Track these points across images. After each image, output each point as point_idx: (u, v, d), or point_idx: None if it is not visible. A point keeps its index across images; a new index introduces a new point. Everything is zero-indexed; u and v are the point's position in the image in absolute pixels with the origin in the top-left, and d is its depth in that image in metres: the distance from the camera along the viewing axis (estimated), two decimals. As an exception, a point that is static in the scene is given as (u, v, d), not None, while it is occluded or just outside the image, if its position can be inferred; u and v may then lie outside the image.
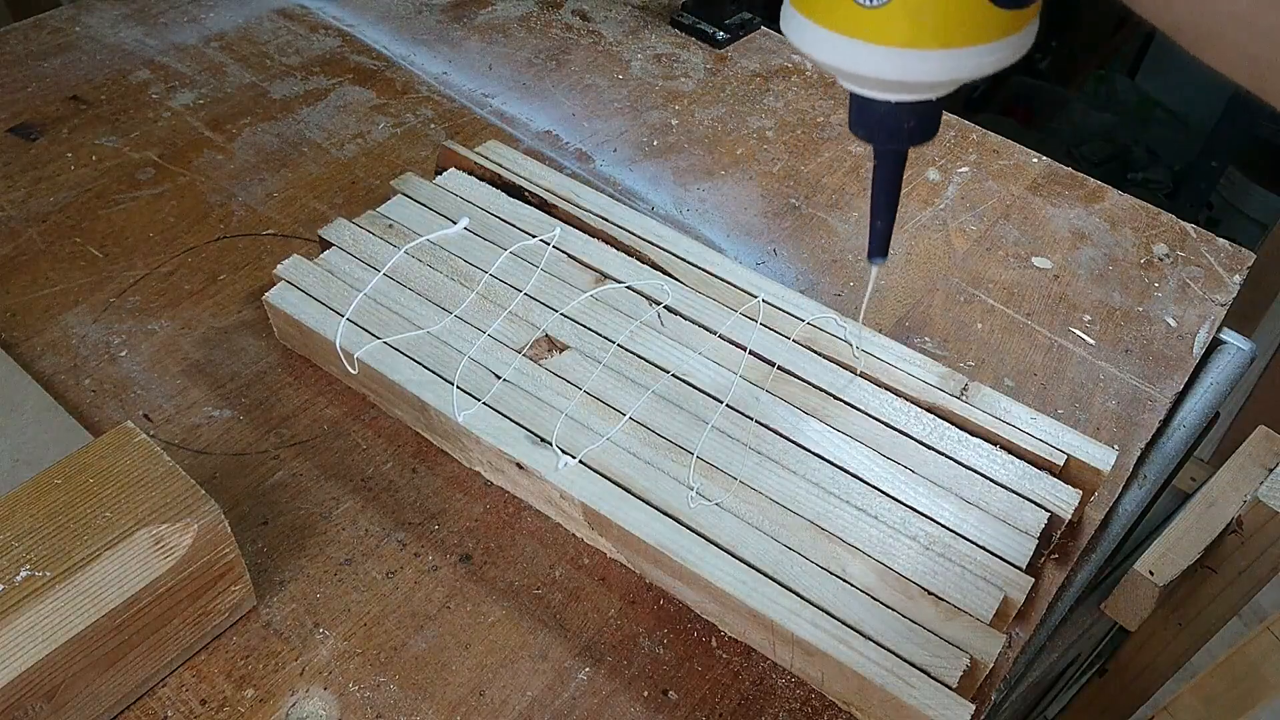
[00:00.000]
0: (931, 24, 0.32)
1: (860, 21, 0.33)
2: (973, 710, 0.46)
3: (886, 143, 0.38)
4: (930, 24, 0.32)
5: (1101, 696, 0.87)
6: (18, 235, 0.69)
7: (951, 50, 0.32)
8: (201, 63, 0.85)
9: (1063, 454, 0.56)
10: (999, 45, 0.33)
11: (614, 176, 0.79)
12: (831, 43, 0.33)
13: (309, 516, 0.55)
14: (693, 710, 0.49)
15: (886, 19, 0.32)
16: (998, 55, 0.33)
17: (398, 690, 0.49)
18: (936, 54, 0.32)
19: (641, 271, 0.64)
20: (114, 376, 0.61)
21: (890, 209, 0.40)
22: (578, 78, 0.88)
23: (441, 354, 0.58)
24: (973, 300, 0.72)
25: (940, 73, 0.33)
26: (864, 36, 0.33)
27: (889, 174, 0.39)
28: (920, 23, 0.32)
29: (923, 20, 0.32)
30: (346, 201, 0.74)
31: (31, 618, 0.42)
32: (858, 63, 0.33)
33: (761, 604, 0.48)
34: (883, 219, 0.40)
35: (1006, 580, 0.50)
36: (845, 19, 0.33)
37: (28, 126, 0.77)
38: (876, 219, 0.40)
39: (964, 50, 0.33)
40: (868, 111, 0.36)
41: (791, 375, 0.59)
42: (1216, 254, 0.77)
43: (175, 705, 0.48)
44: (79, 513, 0.45)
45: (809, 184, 0.80)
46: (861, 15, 0.32)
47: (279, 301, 0.60)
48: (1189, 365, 0.69)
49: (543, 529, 0.56)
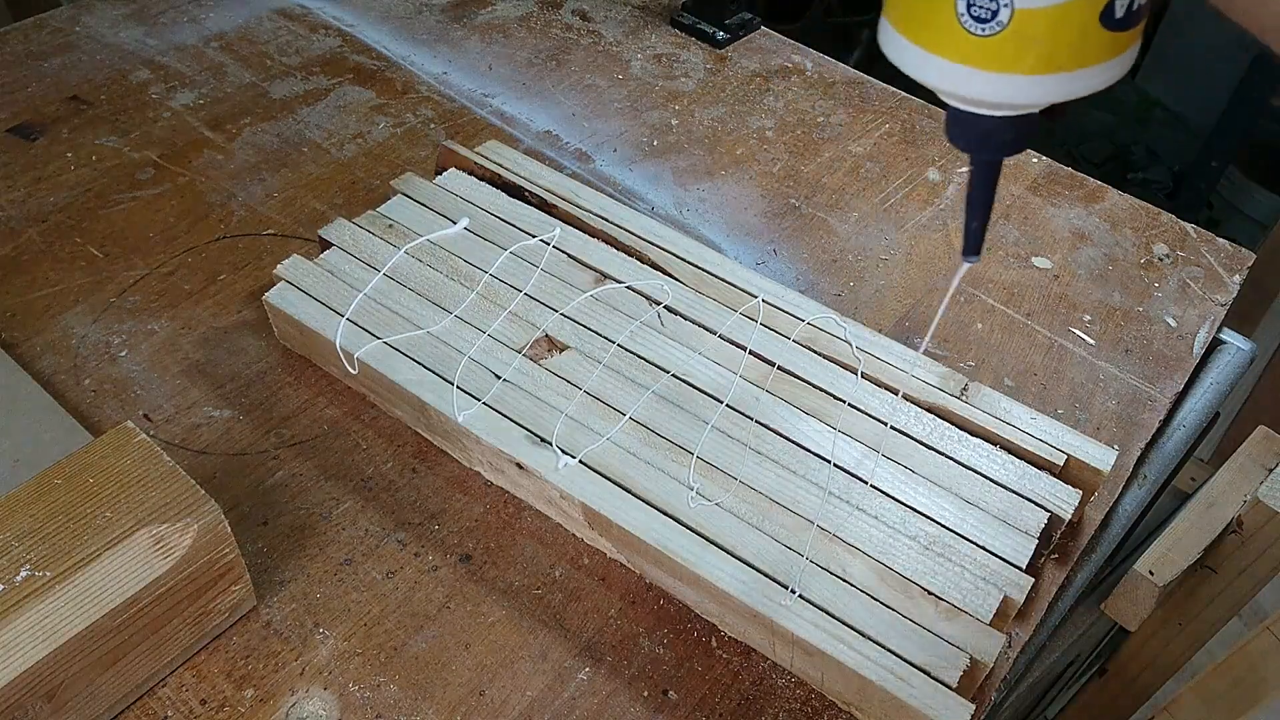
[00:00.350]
0: (1043, 51, 0.32)
1: (971, 48, 0.32)
2: (973, 710, 0.46)
3: (987, 154, 0.38)
4: (1042, 51, 0.32)
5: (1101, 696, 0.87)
6: (18, 235, 0.69)
7: (1062, 74, 0.33)
8: (201, 63, 0.85)
9: (1063, 454, 0.56)
10: (1108, 65, 0.33)
11: (614, 176, 0.79)
12: (939, 67, 0.34)
13: (309, 516, 0.55)
14: (693, 710, 0.49)
15: (998, 47, 0.32)
16: (1107, 74, 0.33)
17: (398, 690, 0.49)
18: (1045, 79, 0.33)
19: (641, 271, 0.64)
20: (114, 376, 0.61)
21: (986, 211, 0.40)
22: (578, 78, 0.88)
23: (441, 354, 0.58)
24: (973, 300, 0.72)
25: (1050, 95, 0.33)
26: (975, 64, 0.33)
27: (986, 180, 0.39)
28: (1032, 50, 0.32)
29: (1035, 48, 0.32)
30: (346, 201, 0.74)
31: (31, 618, 0.42)
32: (968, 87, 0.34)
33: (761, 604, 0.48)
34: (978, 220, 0.40)
35: (1006, 580, 0.50)
36: (955, 46, 0.33)
37: (28, 126, 0.77)
38: (973, 220, 0.41)
39: (1074, 73, 0.33)
40: (969, 125, 0.36)
41: (791, 375, 0.59)
42: (1216, 254, 0.77)
43: (175, 705, 0.48)
44: (79, 513, 0.45)
45: (809, 184, 0.80)
46: (972, 42, 0.32)
47: (279, 301, 0.60)
48: (1189, 365, 0.69)
49: (543, 529, 0.56)
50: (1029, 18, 0.31)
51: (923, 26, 0.34)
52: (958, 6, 0.32)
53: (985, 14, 0.32)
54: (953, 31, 0.32)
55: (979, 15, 0.32)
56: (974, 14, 0.32)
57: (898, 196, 0.79)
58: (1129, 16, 0.32)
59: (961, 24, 0.32)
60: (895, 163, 0.82)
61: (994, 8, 0.31)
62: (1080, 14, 0.31)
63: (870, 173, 0.81)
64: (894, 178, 0.81)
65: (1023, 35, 0.32)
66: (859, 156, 0.83)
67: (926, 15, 0.33)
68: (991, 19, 0.32)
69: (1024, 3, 0.31)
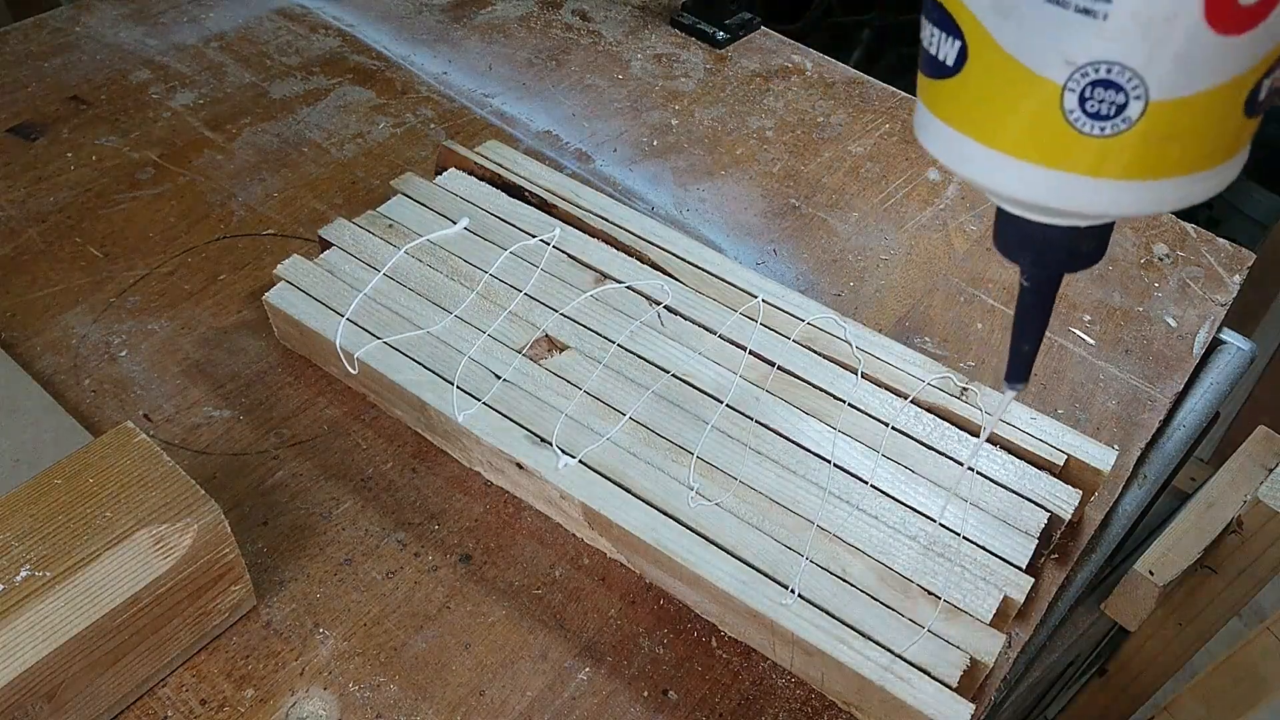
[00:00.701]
0: (1177, 150, 0.26)
1: (1077, 152, 0.26)
2: (973, 710, 0.46)
3: (1055, 268, 0.31)
4: (1175, 150, 0.26)
5: (1101, 696, 0.87)
6: (18, 235, 0.69)
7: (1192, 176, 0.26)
8: (201, 63, 0.85)
9: (1063, 454, 0.56)
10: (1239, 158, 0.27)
11: (614, 176, 0.79)
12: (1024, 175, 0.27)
13: (309, 516, 0.55)
14: (693, 710, 0.49)
15: (1116, 149, 0.26)
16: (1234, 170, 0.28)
17: (398, 690, 0.49)
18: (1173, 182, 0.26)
19: (641, 271, 0.64)
20: (114, 376, 0.61)
21: (1041, 334, 0.34)
22: (578, 78, 0.88)
23: (441, 354, 0.58)
24: (973, 300, 0.72)
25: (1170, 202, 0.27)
26: (1079, 169, 0.26)
27: (1044, 297, 0.32)
28: (1163, 150, 0.26)
29: (1167, 147, 0.26)
30: (346, 201, 0.74)
31: (31, 618, 0.42)
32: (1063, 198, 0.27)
33: (761, 604, 0.48)
34: (1031, 344, 0.34)
35: (1006, 580, 0.50)
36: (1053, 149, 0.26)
37: (28, 126, 0.77)
38: (1024, 343, 0.34)
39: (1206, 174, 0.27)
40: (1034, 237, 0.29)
41: (791, 375, 0.59)
42: (1216, 254, 0.77)
43: (175, 705, 0.48)
44: (79, 513, 0.45)
45: (809, 184, 0.80)
46: (1079, 144, 0.26)
47: (279, 301, 0.60)
48: (1189, 365, 0.69)
49: (543, 529, 0.56)
50: (1166, 111, 0.25)
51: (1004, 127, 0.27)
52: (1065, 102, 0.25)
53: (1107, 110, 0.25)
54: (1057, 132, 0.26)
55: (1097, 111, 0.25)
56: (1089, 110, 0.25)
57: (898, 196, 0.79)
58: (1269, 97, 0.26)
59: (1071, 122, 0.26)
60: (895, 163, 0.82)
61: (1120, 102, 0.25)
62: (1228, 100, 0.25)
63: (870, 173, 0.81)
64: (894, 178, 0.81)
65: (1155, 132, 0.25)
66: (859, 156, 0.83)
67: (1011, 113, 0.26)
68: (1115, 115, 0.25)
69: (1162, 94, 0.25)
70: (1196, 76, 0.25)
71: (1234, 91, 0.25)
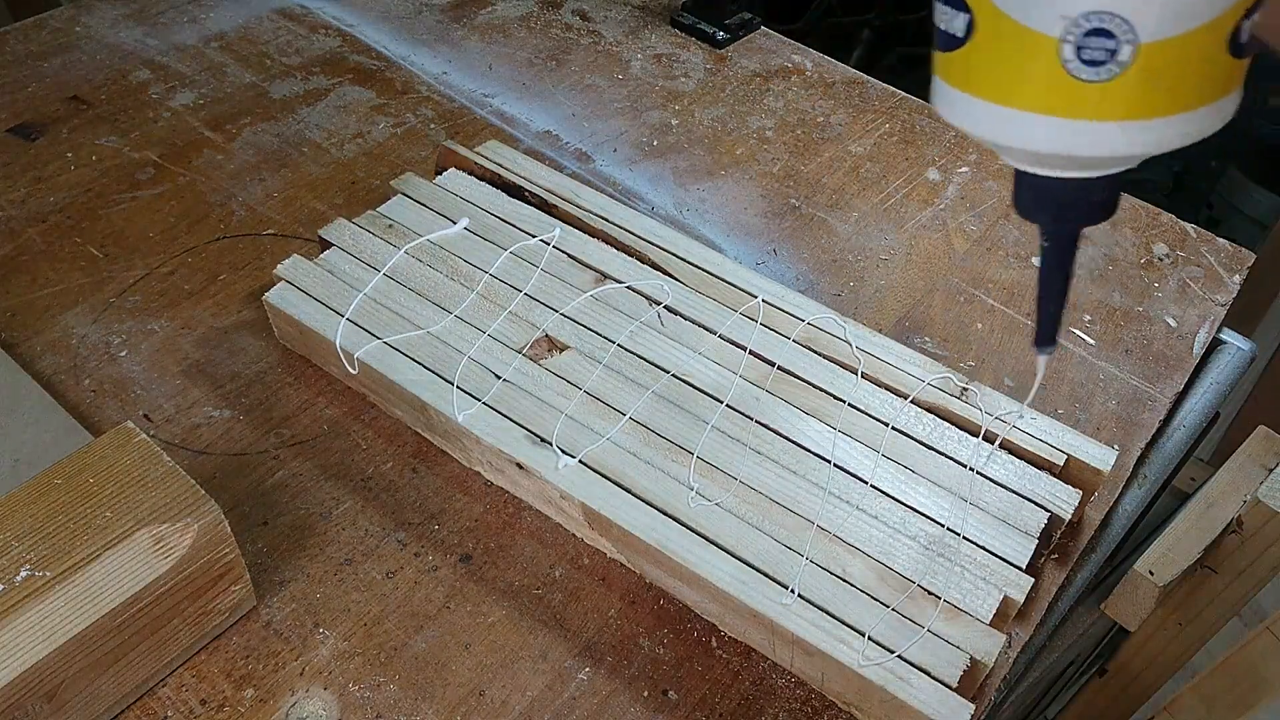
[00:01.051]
0: (1168, 89, 0.28)
1: (1076, 98, 0.28)
2: (973, 710, 0.46)
3: (1074, 222, 0.33)
4: (1167, 89, 0.28)
5: (1101, 696, 0.87)
6: (18, 235, 0.69)
7: (1185, 114, 0.28)
8: (201, 63, 0.85)
9: (1063, 454, 0.56)
10: (1231, 98, 0.29)
11: (614, 176, 0.79)
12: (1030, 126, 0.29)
13: (309, 516, 0.55)
14: (693, 710, 0.49)
15: (1114, 92, 0.28)
16: (1226, 110, 0.29)
17: (398, 690, 0.49)
18: (1168, 120, 0.28)
19: (641, 271, 0.64)
20: (114, 376, 0.61)
21: (1065, 293, 0.35)
22: (578, 78, 0.88)
23: (441, 354, 0.58)
24: (973, 300, 0.72)
25: (1168, 142, 0.29)
26: (1081, 114, 0.28)
27: (1064, 255, 0.34)
28: (1156, 89, 0.28)
29: (1159, 86, 0.28)
30: (346, 201, 0.74)
31: (31, 618, 0.42)
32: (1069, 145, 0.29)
33: (761, 604, 0.48)
34: (1056, 304, 0.35)
35: (1006, 580, 0.50)
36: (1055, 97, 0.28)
37: (28, 126, 0.77)
38: (1050, 304, 0.35)
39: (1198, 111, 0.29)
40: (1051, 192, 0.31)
41: (791, 375, 0.59)
42: (1216, 254, 0.77)
43: (175, 705, 0.48)
44: (79, 513, 0.45)
45: (809, 184, 0.80)
46: (1078, 91, 0.28)
47: (279, 301, 0.60)
48: (1189, 365, 0.69)
49: (543, 529, 0.56)
50: (1154, 52, 0.27)
51: (1012, 82, 0.29)
52: (1063, 53, 0.28)
53: (1101, 55, 0.27)
54: (1057, 81, 0.28)
55: (1093, 59, 0.27)
56: (1085, 58, 0.27)
57: (898, 196, 0.79)
58: (1252, 40, 0.29)
59: (1069, 71, 0.28)
60: (895, 163, 0.82)
61: (1112, 47, 0.27)
62: (1210, 40, 0.28)
63: (870, 173, 0.81)
64: (894, 178, 0.81)
65: (1147, 73, 0.27)
66: (859, 156, 0.83)
67: (1016, 70, 0.29)
68: (1109, 60, 0.27)
69: (1149, 36, 0.27)
70: (1180, 19, 0.27)
71: (1216, 31, 0.28)
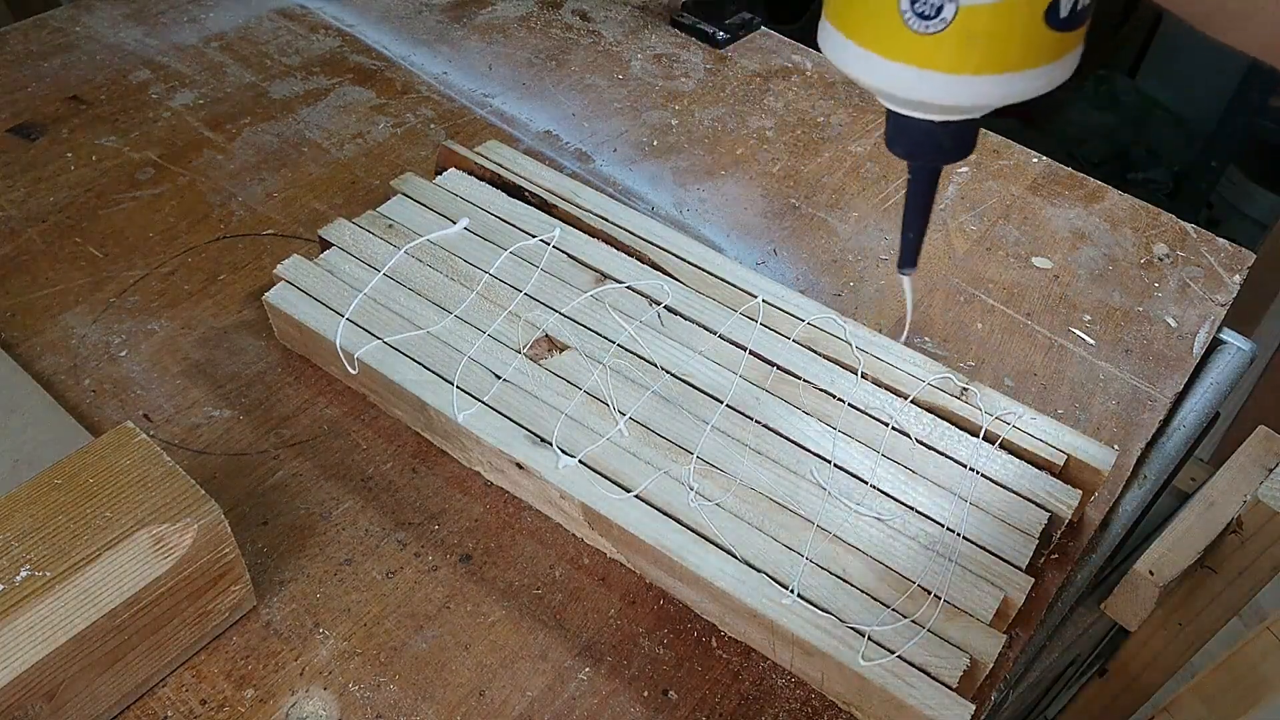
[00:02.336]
0: (986, 50, 0.31)
1: (911, 47, 0.32)
2: (973, 710, 0.46)
3: (925, 160, 0.38)
4: (985, 50, 0.31)
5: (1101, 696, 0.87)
6: (18, 235, 0.69)
7: (1005, 75, 0.32)
8: (201, 63, 0.85)
9: (1063, 454, 0.56)
10: (1053, 67, 0.32)
11: (614, 176, 0.79)
12: (877, 66, 0.33)
13: (309, 516, 0.55)
14: (693, 710, 0.49)
15: (939, 45, 0.31)
16: (1050, 77, 0.33)
17: (398, 690, 0.49)
18: (989, 79, 0.32)
19: (641, 271, 0.64)
20: (114, 376, 0.61)
21: (923, 221, 0.40)
22: (578, 78, 0.88)
23: (441, 354, 0.58)
24: (973, 300, 0.72)
25: (991, 97, 0.32)
26: (914, 61, 0.32)
27: (923, 188, 0.39)
28: (976, 48, 0.31)
29: (977, 46, 0.31)
30: (346, 201, 0.74)
31: (31, 618, 0.42)
32: (911, 88, 0.33)
33: (761, 604, 0.48)
34: (915, 230, 0.40)
35: (1006, 580, 0.50)
36: (894, 43, 0.32)
37: (28, 126, 0.77)
38: (909, 230, 0.40)
39: (1017, 74, 0.32)
40: (908, 130, 0.36)
41: (791, 375, 0.59)
42: (1216, 254, 0.77)
43: (175, 705, 0.48)
44: (79, 513, 0.45)
45: (809, 184, 0.80)
46: (913, 40, 0.31)
47: (279, 301, 0.60)
48: (1189, 365, 0.69)
49: (543, 529, 0.56)
50: (973, 14, 0.30)
51: (864, 24, 0.33)
52: (900, 3, 0.31)
53: (929, 10, 0.31)
54: (896, 29, 0.32)
55: (922, 11, 0.31)
56: (917, 10, 0.31)
57: (898, 197, 0.79)
58: (1074, 16, 0.32)
59: (905, 21, 0.31)
60: (895, 163, 0.82)
61: (938, 4, 0.31)
62: (1025, 11, 0.31)
63: (870, 173, 0.81)
64: (894, 178, 0.81)
65: (967, 32, 0.31)
66: (859, 156, 0.83)
67: (868, 13, 0.32)
68: (935, 15, 0.31)
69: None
70: None
71: (1031, 3, 0.31)
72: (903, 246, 0.41)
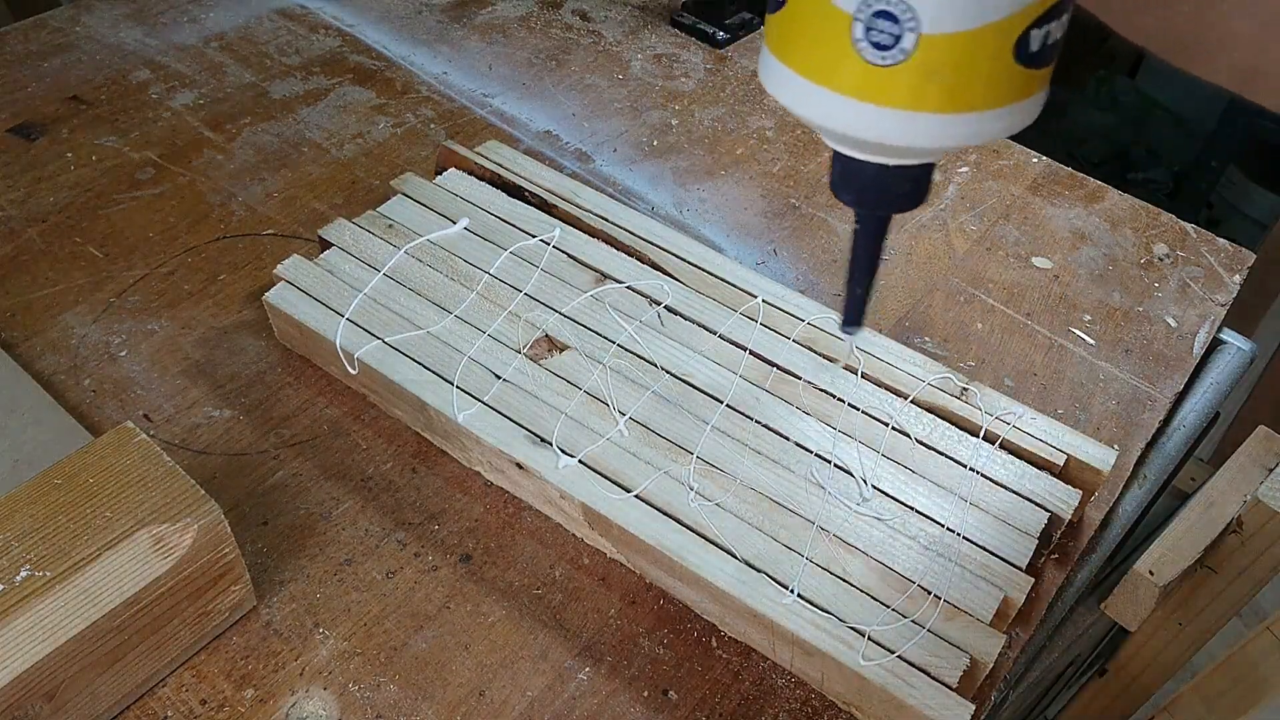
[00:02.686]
0: (948, 85, 0.28)
1: (864, 80, 0.29)
2: (973, 710, 0.46)
3: (875, 207, 0.34)
4: (947, 85, 0.28)
5: (1101, 696, 0.87)
6: (18, 235, 0.69)
7: (968, 114, 0.29)
8: (201, 63, 0.85)
9: (1063, 454, 0.56)
10: (1017, 108, 0.29)
11: (614, 176, 0.79)
12: (824, 101, 0.29)
13: (309, 516, 0.55)
14: (693, 710, 0.49)
15: (896, 79, 0.28)
16: (1014, 118, 0.30)
17: (398, 690, 0.49)
18: (950, 118, 0.29)
19: (641, 271, 0.64)
20: (114, 376, 0.61)
21: (872, 275, 0.36)
22: (578, 78, 0.88)
23: (441, 354, 0.58)
24: (973, 300, 0.72)
25: (950, 139, 0.29)
26: (867, 97, 0.29)
27: (872, 239, 0.35)
28: (936, 84, 0.28)
29: (939, 81, 0.28)
30: (346, 201, 0.74)
31: (31, 618, 0.42)
32: (857, 126, 0.29)
33: (761, 604, 0.48)
34: (862, 286, 0.36)
35: (1006, 580, 0.50)
36: (845, 76, 0.29)
37: (28, 126, 0.77)
38: (856, 285, 0.36)
39: (980, 114, 0.29)
40: (857, 174, 0.32)
41: (791, 375, 0.59)
42: (1216, 254, 0.77)
43: (175, 705, 0.48)
44: (79, 513, 0.45)
45: (809, 184, 0.80)
46: (866, 73, 0.28)
47: (279, 301, 0.60)
48: (1189, 365, 0.69)
49: (543, 529, 0.56)
50: (935, 45, 0.28)
51: (811, 54, 0.29)
52: (854, 32, 0.28)
53: (887, 40, 0.28)
54: (847, 60, 0.28)
55: (879, 42, 0.28)
56: (873, 40, 0.28)
57: (898, 196, 0.79)
58: (1044, 51, 0.29)
59: (858, 51, 0.28)
60: (895, 163, 0.82)
61: (897, 33, 0.28)
62: (993, 43, 0.28)
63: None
64: (894, 178, 0.81)
65: (928, 66, 0.28)
66: (859, 156, 0.83)
67: (816, 41, 0.29)
68: (894, 45, 0.28)
69: (931, 27, 0.27)
70: (963, 15, 0.27)
71: (1000, 34, 0.28)
72: (848, 303, 0.37)
